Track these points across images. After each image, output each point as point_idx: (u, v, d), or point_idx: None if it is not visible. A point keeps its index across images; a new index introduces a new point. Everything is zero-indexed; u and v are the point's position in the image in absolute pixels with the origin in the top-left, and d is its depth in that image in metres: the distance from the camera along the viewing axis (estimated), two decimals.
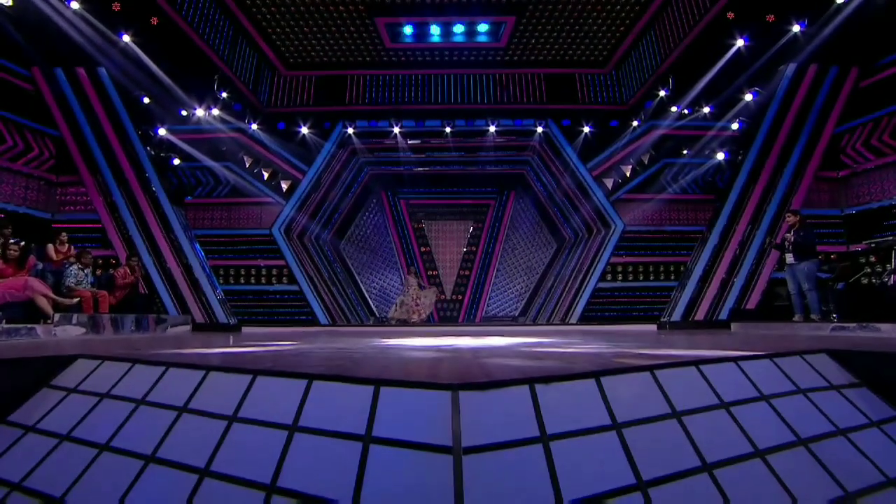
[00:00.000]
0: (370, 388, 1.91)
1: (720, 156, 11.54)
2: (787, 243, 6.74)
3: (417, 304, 10.36)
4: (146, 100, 9.57)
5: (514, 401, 1.85)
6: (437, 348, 3.70)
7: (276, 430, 2.00)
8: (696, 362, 2.51)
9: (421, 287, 10.98)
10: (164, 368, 2.61)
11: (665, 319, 10.09)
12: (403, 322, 10.07)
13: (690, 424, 2.09)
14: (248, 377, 2.35)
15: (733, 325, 8.02)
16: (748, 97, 10.12)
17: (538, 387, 1.97)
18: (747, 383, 2.51)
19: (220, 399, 2.28)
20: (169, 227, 9.60)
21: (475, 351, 3.31)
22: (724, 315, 9.72)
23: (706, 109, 11.60)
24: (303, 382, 2.17)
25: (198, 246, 10.27)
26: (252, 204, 12.06)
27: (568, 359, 2.77)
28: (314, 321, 11.47)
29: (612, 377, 2.22)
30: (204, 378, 2.46)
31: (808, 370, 2.73)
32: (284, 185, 12.37)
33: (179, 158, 11.52)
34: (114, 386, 2.58)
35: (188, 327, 8.20)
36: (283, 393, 2.19)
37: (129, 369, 2.71)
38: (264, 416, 2.11)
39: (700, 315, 9.89)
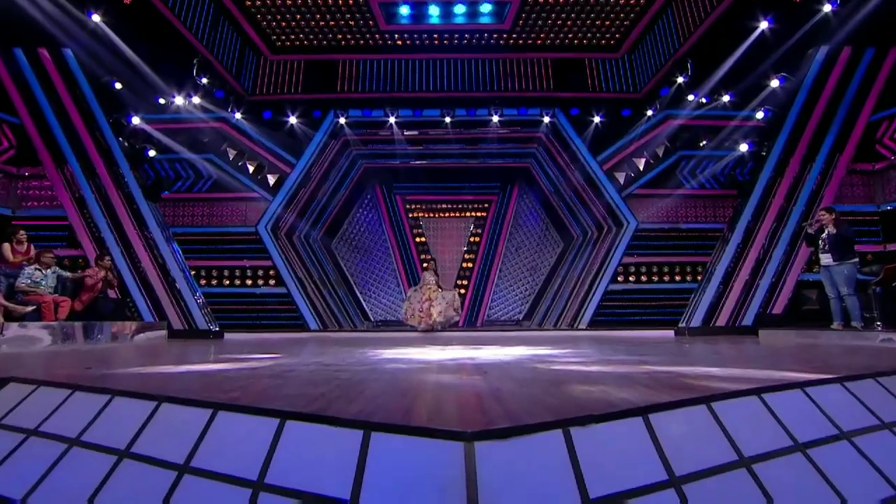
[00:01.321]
0: (358, 435, 1.55)
1: (743, 147, 11.21)
2: (822, 242, 6.39)
3: (423, 310, 8.84)
4: (118, 85, 9.19)
5: (546, 451, 1.50)
6: (439, 364, 3.34)
7: (237, 486, 1.64)
8: (758, 391, 2.16)
9: (440, 288, 9.25)
10: (108, 398, 2.25)
11: (683, 325, 9.79)
12: (412, 328, 9.08)
13: (764, 474, 1.74)
14: (208, 412, 1.99)
15: (761, 333, 7.68)
16: (774, 84, 9.78)
17: (575, 432, 1.61)
18: (820, 417, 2.16)
19: (172, 441, 1.93)
20: (144, 225, 9.24)
21: (483, 367, 2.95)
22: (748, 320, 9.45)
23: (726, 98, 11.25)
24: (273, 423, 1.81)
25: (176, 245, 9.91)
26: (236, 199, 11.77)
27: (595, 381, 2.42)
28: (304, 326, 11.24)
29: (663, 414, 1.87)
30: (155, 411, 2.10)
31: (887, 398, 2.38)
32: (271, 180, 12.11)
33: (156, 150, 11.15)
34: (45, 420, 2.22)
35: (164, 334, 7.83)
36: (250, 435, 1.83)
37: (67, 398, 2.35)
38: (225, 465, 1.75)
39: (721, 320, 9.60)
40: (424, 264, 9.71)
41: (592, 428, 1.69)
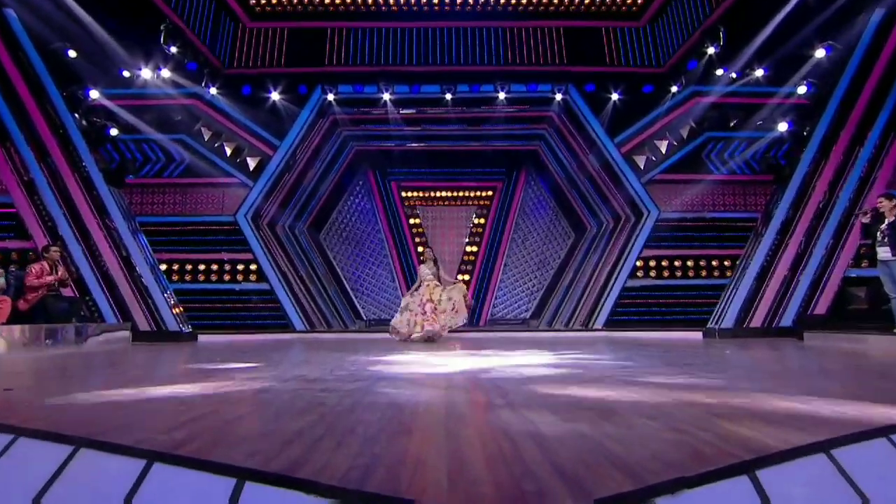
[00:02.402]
0: None
1: (781, 127, 10.77)
2: (880, 234, 5.96)
3: (424, 313, 7.31)
4: (72, 53, 8.65)
5: None
6: (447, 380, 2.88)
7: None
8: (885, 431, 1.73)
9: (440, 282, 7.72)
10: (11, 438, 1.80)
11: (713, 326, 9.41)
12: (406, 338, 7.39)
13: None
14: (140, 464, 1.54)
15: (807, 336, 7.27)
16: (819, 54, 9.30)
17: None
18: None
19: (89, 499, 1.48)
20: (105, 213, 8.79)
21: (500, 389, 2.49)
22: (787, 321, 9.07)
23: (760, 72, 10.79)
24: (227, 483, 1.36)
25: (142, 236, 9.48)
26: (212, 185, 11.45)
27: (658, 411, 1.98)
28: (289, 327, 10.96)
29: (773, 469, 1.43)
30: (69, 459, 1.65)
31: None
32: (251, 163, 11.78)
33: (118, 129, 10.63)
34: None
35: (126, 336, 7.38)
36: (194, 499, 1.39)
37: None
38: None
39: (756, 321, 9.21)
40: (421, 256, 8.26)
41: (685, 497, 1.26)
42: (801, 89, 9.85)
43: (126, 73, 9.91)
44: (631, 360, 4.43)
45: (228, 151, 11.68)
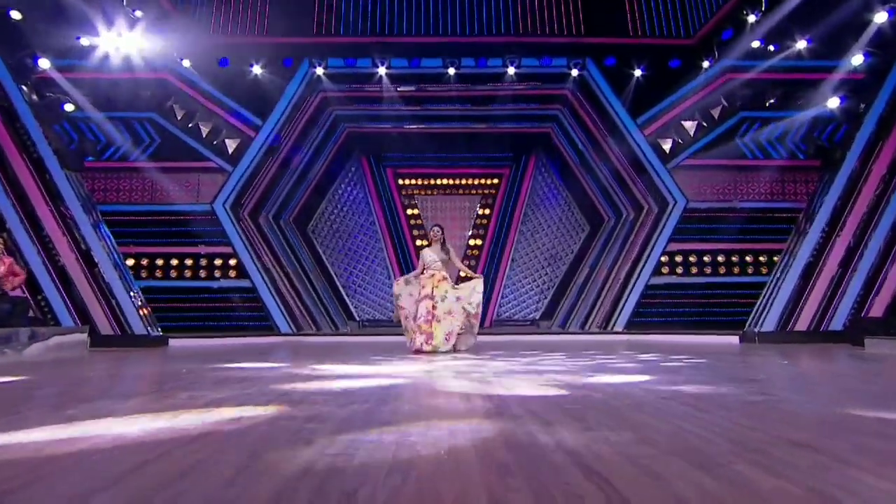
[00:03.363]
0: None
1: (832, 103, 10.18)
2: None
3: (422, 316, 5.89)
4: (15, 14, 7.93)
5: None
6: (469, 411, 2.22)
7: None
8: None
9: (449, 273, 6.28)
10: None
11: (752, 329, 8.92)
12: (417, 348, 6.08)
13: None
14: None
15: (868, 342, 6.70)
16: (879, 18, 8.65)
17: None
18: None
19: None
20: (59, 200, 8.20)
21: (535, 411, 1.83)
22: (836, 324, 8.57)
23: (802, 44, 10.17)
24: None
25: (105, 228, 8.95)
26: (185, 170, 11.21)
27: (766, 457, 1.36)
28: (273, 329, 10.68)
29: None
30: None
31: None
32: (230, 146, 11.51)
33: (75, 104, 9.95)
34: None
35: (81, 341, 6.73)
36: None
37: None
38: None
39: (802, 324, 8.74)
40: (431, 233, 6.31)
41: None
42: (857, 60, 9.22)
43: (84, 41, 9.20)
44: (673, 371, 3.80)
45: (204, 132, 11.47)
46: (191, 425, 1.96)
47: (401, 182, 15.15)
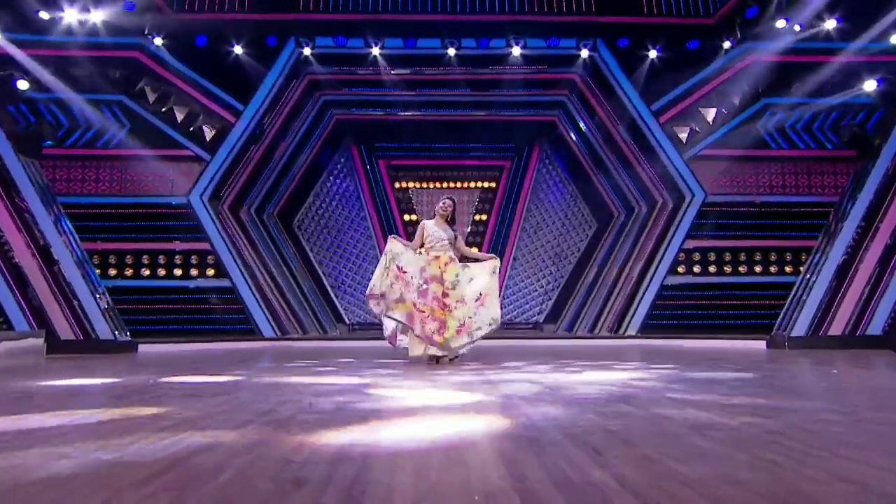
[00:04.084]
0: None
1: (868, 86, 9.86)
2: None
3: (426, 296, 5.04)
4: None
5: None
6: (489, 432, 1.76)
7: None
8: None
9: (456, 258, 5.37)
10: None
11: (782, 333, 8.64)
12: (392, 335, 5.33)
13: None
14: None
15: None
16: None
17: None
18: None
19: None
20: (13, 189, 7.80)
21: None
22: (875, 328, 8.24)
23: (832, 23, 9.91)
24: None
25: (66, 221, 8.70)
26: (159, 159, 10.91)
27: None
28: (255, 333, 10.54)
29: None
30: None
31: None
32: (208, 132, 11.30)
33: (31, 83, 9.52)
34: None
35: (38, 345, 6.28)
36: None
37: None
38: None
39: (836, 328, 8.44)
40: (441, 205, 5.42)
41: None
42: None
43: (44, 14, 8.73)
44: (723, 385, 3.36)
45: (179, 117, 11.23)
46: (148, 456, 1.60)
47: (394, 174, 14.98)
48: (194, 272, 10.81)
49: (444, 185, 15.05)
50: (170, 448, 1.69)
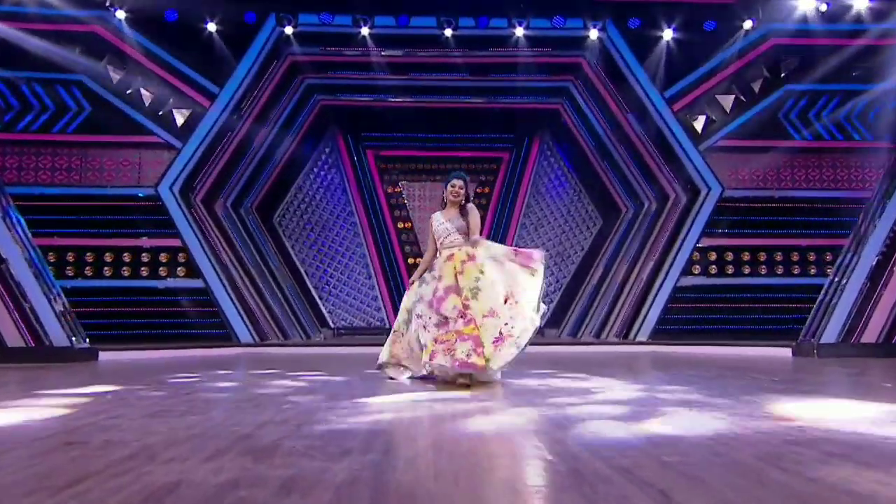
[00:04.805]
0: None
1: None
2: None
3: (441, 311, 4.12)
4: None
5: None
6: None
7: None
8: None
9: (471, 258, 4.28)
10: None
11: (809, 340, 8.33)
12: (399, 368, 4.57)
13: None
14: None
15: None
16: None
17: None
18: None
19: None
20: None
21: None
22: None
23: (863, 1, 9.73)
24: None
25: (15, 213, 8.20)
26: (124, 146, 10.79)
27: None
28: (231, 338, 10.39)
29: None
30: None
31: None
32: (180, 117, 11.09)
33: None
34: None
35: None
36: None
37: None
38: None
39: (870, 335, 8.10)
40: (449, 189, 4.42)
41: None
42: None
43: None
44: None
45: (147, 100, 11.04)
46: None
47: (383, 166, 14.84)
48: (163, 272, 10.64)
49: (438, 178, 14.70)
50: (120, 492, 1.41)
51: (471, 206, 4.40)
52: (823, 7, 10.10)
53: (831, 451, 1.81)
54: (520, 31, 11.11)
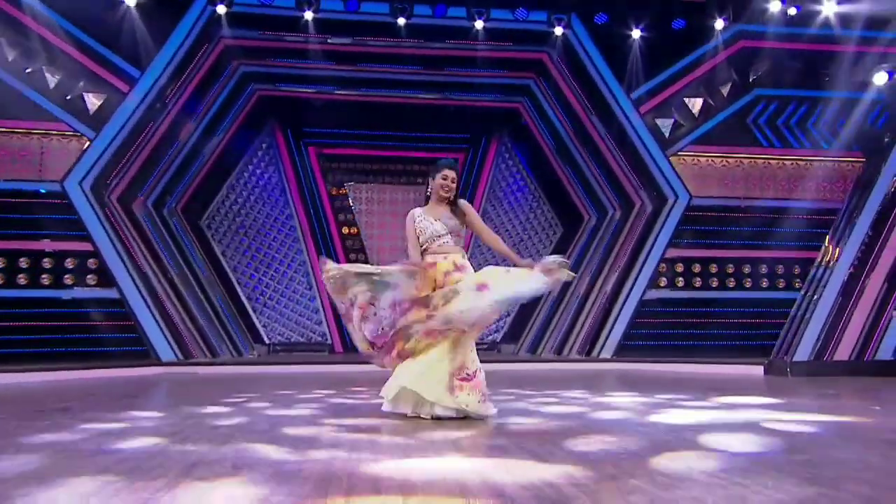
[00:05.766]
0: None
1: (879, 79, 10.07)
2: None
3: (406, 324, 3.69)
4: None
5: None
6: None
7: None
8: None
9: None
10: None
11: (781, 358, 8.49)
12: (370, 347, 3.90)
13: None
14: None
15: None
16: None
17: None
18: None
19: None
20: None
21: None
22: (884, 353, 8.18)
23: (831, 7, 10.10)
24: None
25: None
26: (23, 134, 10.47)
27: None
28: (150, 356, 10.16)
29: None
30: None
31: None
32: (92, 103, 10.74)
33: None
34: None
35: None
36: None
37: None
38: None
39: (842, 352, 8.32)
40: (438, 180, 3.91)
41: None
42: None
43: None
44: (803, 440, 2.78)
45: (52, 83, 10.53)
46: None
47: (327, 165, 14.72)
48: (69, 280, 10.29)
49: (388, 180, 14.88)
50: None
51: (465, 202, 3.99)
52: (793, 10, 10.50)
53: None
54: (479, 24, 11.13)
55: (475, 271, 3.81)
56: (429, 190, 3.96)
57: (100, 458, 2.41)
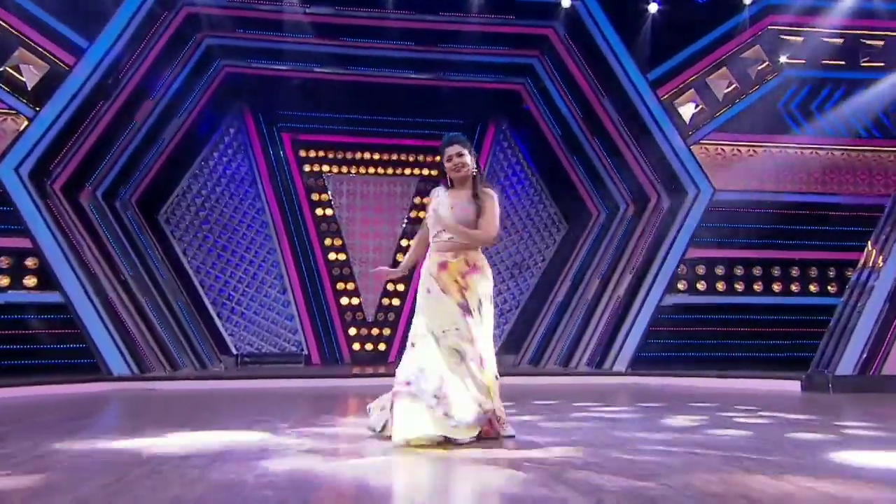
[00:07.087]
0: None
1: None
2: None
3: (464, 331, 3.52)
4: None
5: None
6: None
7: None
8: None
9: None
10: None
11: (821, 372, 8.38)
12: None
13: None
14: None
15: None
16: None
17: None
18: None
19: None
20: None
21: None
22: None
23: None
24: None
25: None
26: None
27: None
28: (100, 370, 9.99)
29: None
30: None
31: None
32: (31, 77, 10.51)
33: None
34: None
35: None
36: None
37: None
38: None
39: (891, 366, 8.22)
40: (455, 160, 3.71)
41: None
42: None
43: None
44: None
45: None
46: None
47: (302, 154, 14.69)
48: (4, 281, 10.14)
49: (372, 171, 14.91)
50: None
51: (490, 191, 3.66)
52: None
53: None
54: None
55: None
56: (445, 167, 3.76)
57: None
